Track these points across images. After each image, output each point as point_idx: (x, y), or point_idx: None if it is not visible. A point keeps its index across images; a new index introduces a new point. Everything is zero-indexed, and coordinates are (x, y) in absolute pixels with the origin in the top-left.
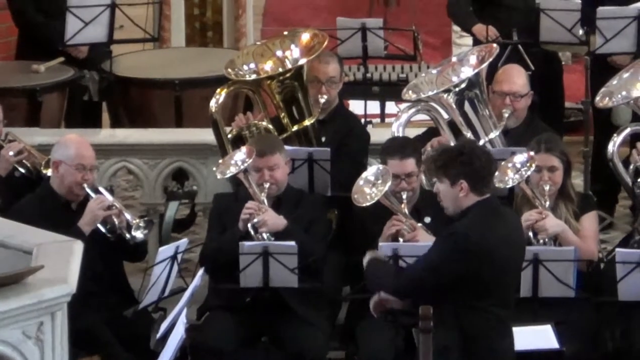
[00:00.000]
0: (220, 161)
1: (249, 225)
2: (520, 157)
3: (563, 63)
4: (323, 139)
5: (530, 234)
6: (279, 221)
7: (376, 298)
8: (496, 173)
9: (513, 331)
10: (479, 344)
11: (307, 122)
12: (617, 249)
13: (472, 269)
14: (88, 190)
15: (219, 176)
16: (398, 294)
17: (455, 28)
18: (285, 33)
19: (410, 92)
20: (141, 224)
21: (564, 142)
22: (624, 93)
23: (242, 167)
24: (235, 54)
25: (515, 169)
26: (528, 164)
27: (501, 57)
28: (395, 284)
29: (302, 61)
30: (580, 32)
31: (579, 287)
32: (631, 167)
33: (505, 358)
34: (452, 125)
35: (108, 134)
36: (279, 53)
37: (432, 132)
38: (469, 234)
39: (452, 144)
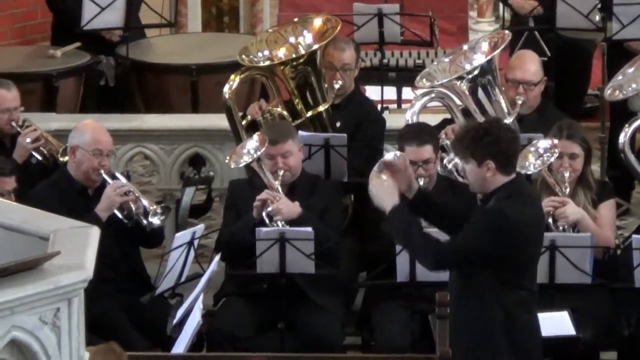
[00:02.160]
0: (233, 150)
1: (264, 213)
2: (543, 143)
3: None
4: (338, 124)
5: (550, 220)
6: (293, 209)
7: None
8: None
9: None
10: (520, 320)
11: (321, 108)
12: (634, 236)
13: (513, 247)
14: (105, 176)
15: (232, 166)
16: (438, 265)
17: (472, 14)
18: (296, 20)
19: (423, 80)
20: (158, 210)
21: (583, 129)
22: (634, 85)
23: (254, 155)
24: (250, 39)
25: (538, 154)
26: (551, 151)
27: (517, 44)
28: (437, 257)
29: (315, 47)
30: (597, 18)
31: (595, 274)
32: None
33: (539, 333)
34: (466, 113)
35: (124, 120)
36: (292, 39)
37: (447, 122)
38: (506, 212)
39: None
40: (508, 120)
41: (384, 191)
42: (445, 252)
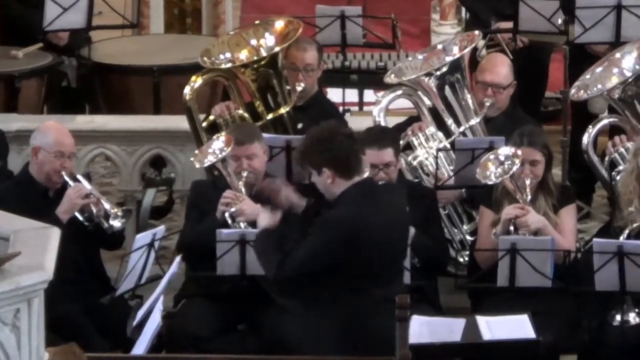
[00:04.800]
0: (198, 150)
1: (227, 214)
2: (504, 151)
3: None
4: (300, 126)
5: (511, 228)
6: (256, 210)
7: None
8: (478, 169)
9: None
10: (356, 326)
11: (282, 110)
12: (594, 239)
13: (347, 255)
14: (66, 178)
15: (197, 165)
16: (281, 277)
17: (435, 16)
18: (258, 22)
19: (392, 75)
20: (119, 213)
21: (544, 133)
22: (599, 86)
23: (220, 156)
24: (212, 41)
25: (499, 162)
26: (512, 159)
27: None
28: (277, 273)
29: (277, 49)
30: (559, 21)
31: (556, 277)
32: (607, 158)
33: (385, 337)
34: (434, 112)
35: (86, 120)
36: (254, 42)
37: (414, 120)
38: (341, 220)
39: (432, 129)
40: (475, 120)
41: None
42: (285, 267)
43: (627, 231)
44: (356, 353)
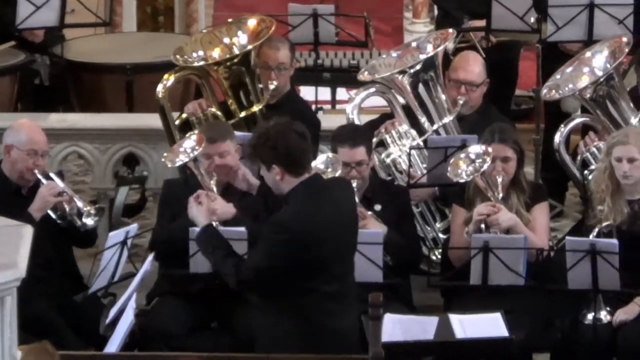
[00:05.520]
0: (169, 150)
1: None
2: (475, 149)
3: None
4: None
5: (482, 226)
6: (228, 209)
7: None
8: (449, 167)
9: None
10: (314, 323)
11: (255, 109)
12: (567, 238)
13: (299, 254)
14: (39, 176)
15: (168, 165)
16: (241, 285)
17: (407, 15)
18: (231, 20)
19: (366, 73)
20: (92, 211)
21: (516, 131)
22: (570, 85)
23: (191, 155)
24: (185, 39)
25: (469, 160)
26: (483, 157)
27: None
28: (237, 281)
29: (250, 47)
30: (532, 19)
31: (529, 276)
32: (578, 157)
33: (342, 334)
34: (407, 110)
35: (59, 119)
36: (226, 40)
37: (387, 117)
38: (289, 221)
39: (406, 127)
40: (449, 118)
41: (198, 212)
42: (243, 273)
43: (596, 229)
44: (318, 350)
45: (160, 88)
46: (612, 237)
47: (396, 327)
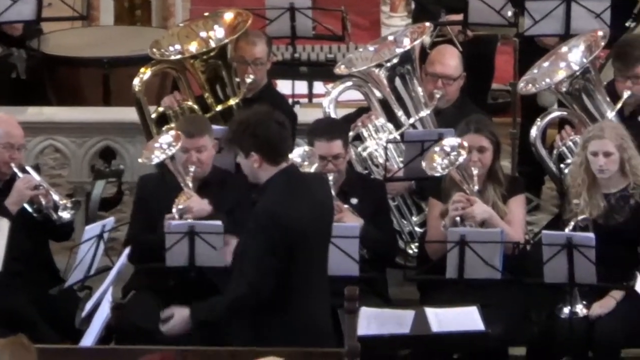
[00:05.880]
0: (145, 147)
1: (174, 210)
2: (449, 142)
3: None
4: None
5: (458, 219)
6: (204, 207)
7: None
8: (424, 161)
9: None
10: (292, 315)
11: (231, 102)
12: (544, 231)
13: (288, 244)
14: (15, 170)
15: (145, 162)
16: (258, 294)
17: (384, 9)
18: (207, 14)
19: (343, 66)
20: (68, 205)
21: (493, 123)
22: (547, 80)
23: (168, 151)
24: (162, 33)
25: (444, 153)
26: (458, 150)
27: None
28: (250, 290)
29: (226, 40)
30: (509, 13)
31: (505, 270)
32: (555, 151)
33: (319, 326)
34: (384, 103)
35: (35, 112)
36: (203, 34)
37: (363, 111)
38: (271, 209)
39: (382, 121)
40: (425, 112)
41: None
42: (251, 281)
43: (572, 223)
44: (295, 342)
45: (136, 82)
46: (589, 230)
47: (372, 320)
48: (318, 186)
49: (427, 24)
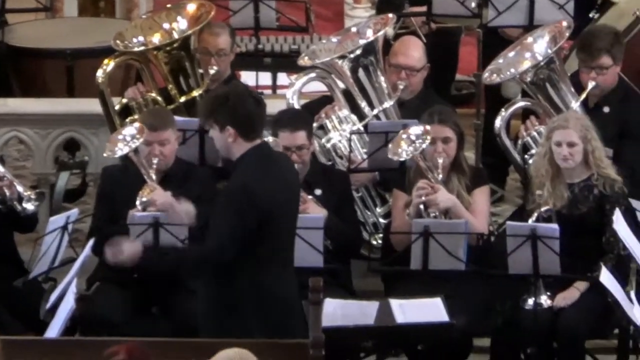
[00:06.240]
0: (109, 140)
1: (137, 202)
2: (415, 130)
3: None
4: None
5: (422, 207)
6: (167, 199)
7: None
8: (390, 145)
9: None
10: (266, 291)
11: (195, 93)
12: (508, 222)
13: (260, 215)
14: None
15: (109, 155)
16: (221, 257)
17: (348, 0)
18: (170, 6)
19: (306, 58)
20: (32, 196)
21: (456, 113)
22: (512, 70)
23: (131, 144)
24: (126, 25)
25: (410, 140)
26: (423, 137)
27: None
28: (213, 254)
29: (189, 32)
30: (473, 4)
31: (470, 261)
32: (519, 142)
33: (291, 301)
34: (347, 95)
35: None
36: (166, 25)
37: (326, 99)
38: (245, 183)
39: (346, 112)
40: (389, 103)
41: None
42: (217, 241)
43: (536, 214)
44: (269, 317)
45: (100, 73)
46: (552, 221)
47: (337, 311)
48: (287, 164)
49: (391, 15)
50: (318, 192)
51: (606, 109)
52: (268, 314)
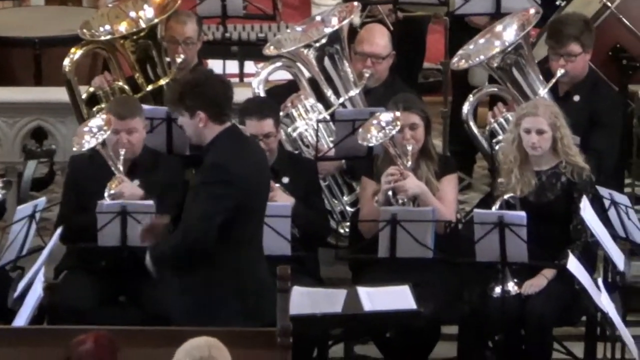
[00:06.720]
0: (76, 132)
1: (106, 195)
2: (385, 116)
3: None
4: None
5: (390, 193)
6: (135, 191)
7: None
8: (360, 130)
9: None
10: (245, 273)
11: (162, 82)
12: (475, 210)
13: (237, 196)
14: None
15: (77, 149)
16: (199, 241)
17: None
18: None
19: (272, 47)
20: None
21: (422, 101)
22: (481, 57)
23: (99, 136)
24: (93, 13)
25: (380, 127)
26: (393, 123)
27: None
28: (192, 237)
29: (156, 20)
30: None
31: (437, 249)
32: (487, 128)
33: (266, 283)
34: (313, 83)
35: None
36: (133, 14)
37: (294, 85)
38: (220, 163)
39: (312, 101)
40: (355, 91)
41: None
42: (192, 230)
43: (498, 202)
44: (248, 300)
45: (67, 62)
46: (517, 208)
47: (304, 299)
48: (256, 146)
49: (355, 3)
50: (285, 180)
51: (576, 98)
52: (247, 299)
